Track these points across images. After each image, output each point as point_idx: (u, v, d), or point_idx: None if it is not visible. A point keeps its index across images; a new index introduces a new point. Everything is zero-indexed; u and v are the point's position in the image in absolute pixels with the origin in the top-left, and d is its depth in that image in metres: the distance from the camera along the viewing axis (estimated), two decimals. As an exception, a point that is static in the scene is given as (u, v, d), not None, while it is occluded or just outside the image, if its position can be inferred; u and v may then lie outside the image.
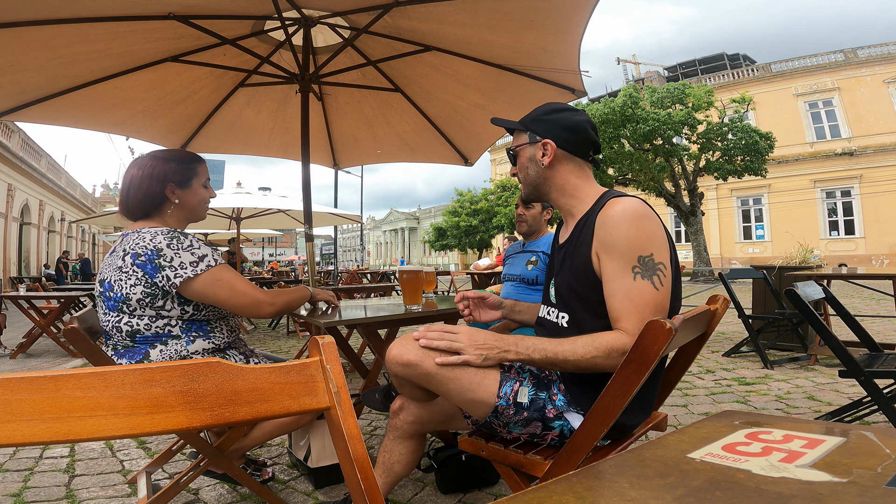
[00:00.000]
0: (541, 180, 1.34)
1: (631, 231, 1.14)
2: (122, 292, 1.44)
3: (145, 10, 2.37)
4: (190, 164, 1.61)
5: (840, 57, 22.87)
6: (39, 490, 1.97)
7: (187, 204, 1.60)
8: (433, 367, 1.20)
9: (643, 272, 1.13)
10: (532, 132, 1.34)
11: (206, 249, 1.50)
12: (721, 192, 24.88)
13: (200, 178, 1.63)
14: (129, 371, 0.55)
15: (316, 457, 1.95)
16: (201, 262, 1.46)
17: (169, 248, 1.44)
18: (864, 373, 1.98)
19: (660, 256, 1.15)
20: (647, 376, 1.00)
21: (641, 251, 1.14)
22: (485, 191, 30.50)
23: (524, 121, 1.37)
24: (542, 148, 1.32)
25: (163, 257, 1.43)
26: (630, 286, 1.13)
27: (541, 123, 1.33)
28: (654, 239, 1.16)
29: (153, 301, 1.45)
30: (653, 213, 1.20)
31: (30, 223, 20.93)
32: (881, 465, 0.40)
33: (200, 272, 1.45)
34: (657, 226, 1.18)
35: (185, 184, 1.58)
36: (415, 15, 2.60)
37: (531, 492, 0.38)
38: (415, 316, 1.98)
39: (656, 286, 1.13)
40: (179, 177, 1.57)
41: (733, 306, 3.94)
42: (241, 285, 1.52)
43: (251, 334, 6.47)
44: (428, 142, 3.88)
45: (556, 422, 1.23)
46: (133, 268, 1.44)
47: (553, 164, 1.32)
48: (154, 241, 1.45)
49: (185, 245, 1.47)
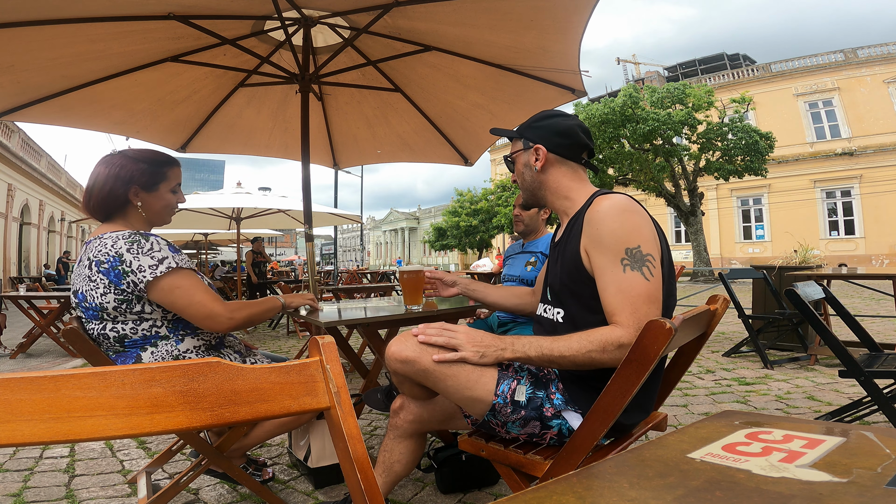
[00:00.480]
0: (536, 185, 1.39)
1: (616, 224, 1.17)
2: (96, 302, 1.42)
3: (145, 10, 2.37)
4: (160, 167, 1.54)
5: (840, 57, 22.86)
6: (39, 490, 1.97)
7: (150, 208, 1.53)
8: (431, 363, 1.21)
9: (632, 263, 1.15)
10: (525, 139, 1.39)
11: (167, 252, 1.44)
12: (721, 192, 24.88)
13: (169, 183, 1.56)
14: (129, 371, 0.55)
15: (316, 457, 1.95)
16: (160, 265, 1.41)
17: (129, 253, 1.40)
18: (864, 373, 1.98)
19: (647, 248, 1.16)
20: (647, 375, 1.01)
21: (628, 243, 1.15)
22: (485, 191, 30.50)
23: (519, 129, 1.42)
24: (534, 153, 1.36)
25: (124, 263, 1.39)
26: (621, 278, 1.15)
27: (532, 130, 1.38)
28: (640, 231, 1.17)
29: (130, 306, 1.42)
30: (640, 208, 1.22)
31: (30, 223, 20.93)
32: (881, 465, 0.40)
33: (160, 275, 1.40)
34: (644, 219, 1.20)
35: (151, 187, 1.52)
36: (415, 15, 2.60)
37: (531, 492, 0.38)
38: (415, 316, 1.98)
39: (646, 277, 1.14)
40: (146, 179, 1.50)
41: (733, 306, 3.94)
42: (198, 295, 1.44)
43: (251, 334, 6.48)
44: (428, 142, 3.89)
45: (554, 421, 1.23)
46: (99, 276, 1.40)
47: (545, 168, 1.36)
48: (115, 247, 1.41)
49: (145, 249, 1.41)
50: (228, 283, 9.29)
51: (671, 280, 1.23)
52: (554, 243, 1.40)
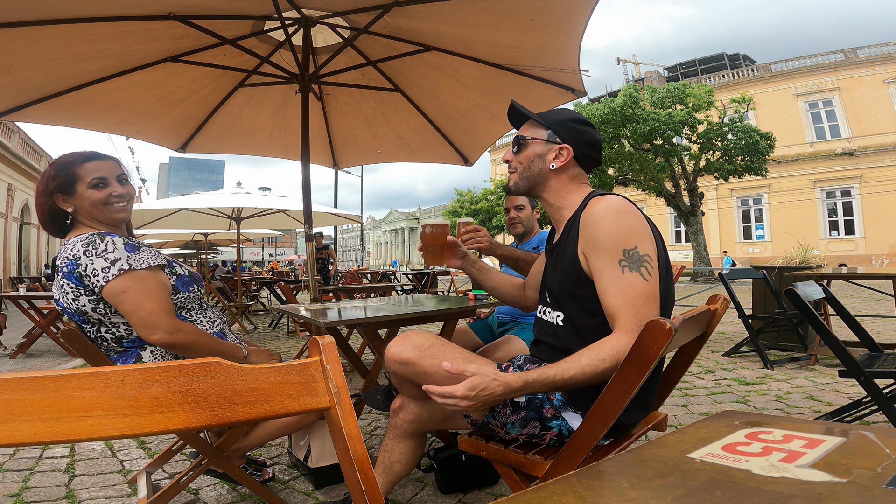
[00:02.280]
0: (540, 179, 1.35)
1: (612, 226, 1.16)
2: (74, 308, 1.40)
3: (145, 10, 2.37)
4: (67, 168, 1.46)
5: (840, 57, 22.86)
6: (39, 490, 1.97)
7: (82, 210, 1.47)
8: (430, 365, 1.22)
9: (630, 264, 1.14)
10: (553, 132, 1.33)
11: (122, 252, 1.39)
12: (721, 192, 24.87)
13: (84, 180, 1.46)
14: (128, 371, 0.55)
15: (316, 457, 1.95)
16: (112, 267, 1.36)
17: (85, 256, 1.37)
18: (864, 373, 1.98)
19: (644, 248, 1.16)
20: (648, 375, 1.00)
21: (625, 244, 1.15)
22: (485, 191, 30.51)
23: (547, 118, 1.35)
24: (558, 151, 1.32)
25: (81, 267, 1.36)
26: (620, 279, 1.14)
27: (566, 128, 1.33)
28: (636, 232, 1.17)
29: (109, 307, 1.40)
30: (634, 208, 1.22)
31: (30, 223, 20.93)
32: (881, 465, 0.40)
33: (112, 278, 1.36)
34: (639, 220, 1.19)
35: (69, 190, 1.45)
36: (415, 15, 2.60)
37: (531, 492, 0.38)
38: (415, 316, 1.98)
39: (645, 277, 1.14)
40: (61, 184, 1.45)
41: (733, 306, 3.94)
42: (147, 302, 1.37)
43: (251, 334, 6.47)
44: (428, 142, 3.89)
45: (554, 421, 1.23)
46: (65, 281, 1.39)
47: (560, 170, 1.33)
48: (73, 251, 1.38)
49: (99, 250, 1.37)
50: (228, 283, 9.29)
51: (668, 279, 1.23)
52: (551, 246, 1.39)
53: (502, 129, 3.56)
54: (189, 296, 1.54)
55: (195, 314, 1.57)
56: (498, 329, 2.45)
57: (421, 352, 1.25)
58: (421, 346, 1.27)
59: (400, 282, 11.19)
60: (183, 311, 1.54)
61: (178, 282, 1.52)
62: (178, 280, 1.53)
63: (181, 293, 1.52)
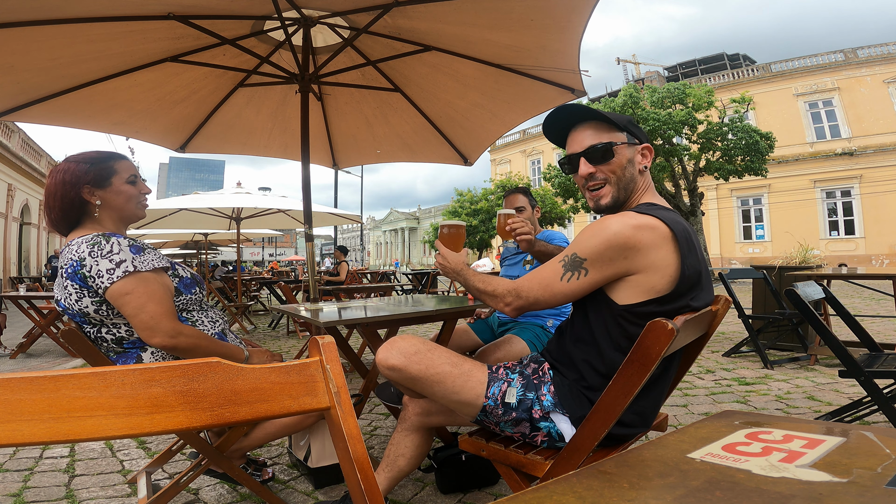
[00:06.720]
0: (632, 186, 1.28)
1: (587, 233, 1.18)
2: (76, 308, 1.40)
3: (145, 10, 2.37)
4: (104, 162, 1.49)
5: (840, 57, 22.86)
6: (39, 490, 1.97)
7: (112, 203, 1.48)
8: (418, 371, 1.25)
9: (566, 265, 1.18)
10: (630, 133, 1.28)
11: (127, 254, 1.38)
12: (721, 192, 24.86)
13: (121, 175, 1.49)
14: (128, 371, 0.55)
15: (316, 457, 1.95)
16: (117, 269, 1.36)
17: (90, 257, 1.36)
18: (864, 373, 1.98)
19: (591, 265, 1.15)
20: (647, 380, 1.00)
21: (578, 251, 1.17)
22: (485, 191, 30.47)
23: (618, 119, 1.28)
24: (641, 151, 1.29)
25: (85, 268, 1.36)
26: (550, 265, 1.21)
27: (635, 127, 1.30)
28: (599, 251, 1.13)
29: (112, 308, 1.39)
30: (634, 238, 1.11)
31: (30, 223, 20.92)
32: (881, 465, 0.40)
33: (116, 279, 1.35)
34: (618, 246, 1.12)
35: (102, 183, 1.46)
36: (415, 15, 2.59)
37: (531, 492, 0.38)
38: (414, 316, 1.98)
39: (564, 277, 1.18)
40: (94, 177, 1.45)
41: (733, 306, 3.94)
42: (150, 305, 1.37)
43: (251, 334, 6.47)
44: (428, 142, 3.88)
45: (543, 423, 1.24)
46: (68, 282, 1.38)
47: (644, 171, 1.30)
48: (78, 252, 1.37)
49: (105, 251, 1.37)
50: (228, 283, 9.29)
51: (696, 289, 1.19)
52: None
53: (502, 129, 3.56)
54: (191, 298, 1.55)
55: (196, 315, 1.57)
56: (498, 329, 2.46)
57: (407, 358, 1.26)
58: (406, 351, 1.28)
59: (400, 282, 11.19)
60: (184, 312, 1.54)
61: (180, 284, 1.52)
62: (180, 282, 1.53)
63: (183, 295, 1.52)
